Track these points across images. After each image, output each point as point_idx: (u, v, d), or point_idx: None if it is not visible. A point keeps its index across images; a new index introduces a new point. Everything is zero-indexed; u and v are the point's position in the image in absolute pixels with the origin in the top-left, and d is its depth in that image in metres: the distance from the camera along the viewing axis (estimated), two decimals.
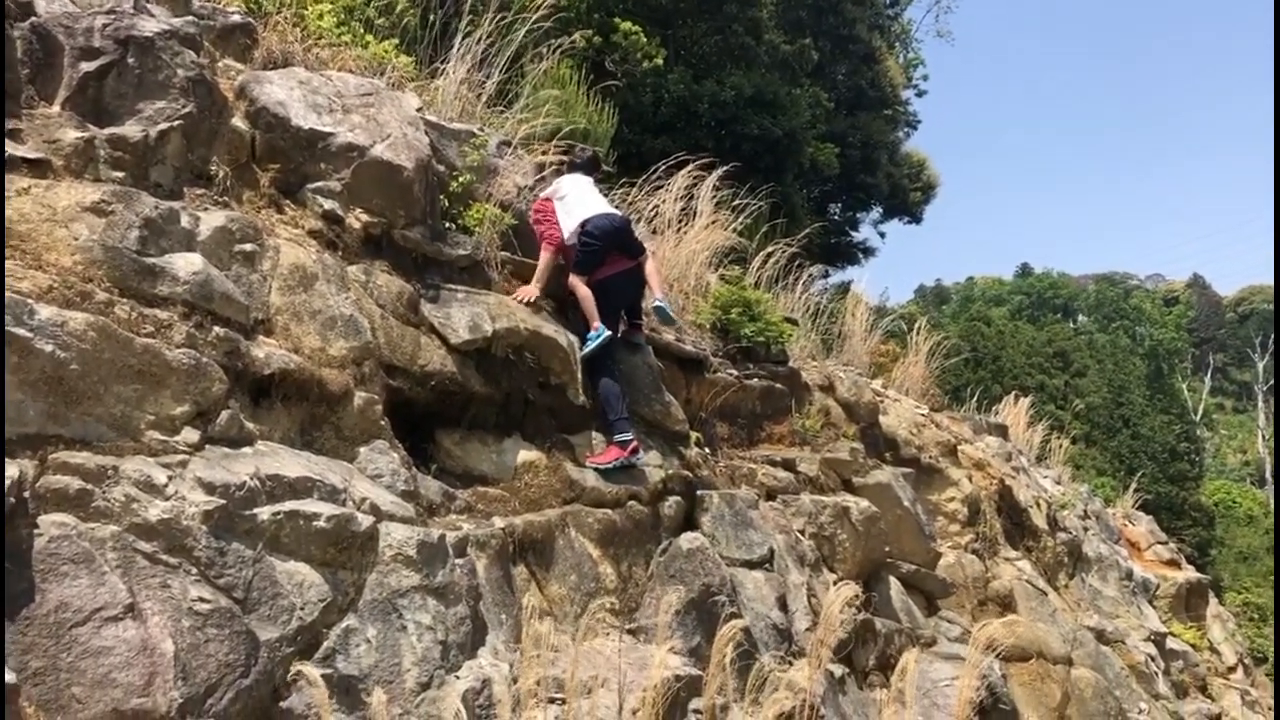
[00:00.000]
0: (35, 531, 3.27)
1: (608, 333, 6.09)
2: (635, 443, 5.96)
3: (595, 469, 5.81)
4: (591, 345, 6.02)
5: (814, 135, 17.74)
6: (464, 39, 7.36)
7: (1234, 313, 73.19)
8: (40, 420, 3.51)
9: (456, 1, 8.19)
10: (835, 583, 6.90)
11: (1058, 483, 13.27)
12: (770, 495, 7.15)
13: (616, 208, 7.23)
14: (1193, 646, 12.24)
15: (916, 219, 23.90)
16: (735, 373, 7.67)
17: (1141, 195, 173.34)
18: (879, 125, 21.39)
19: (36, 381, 3.52)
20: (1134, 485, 17.76)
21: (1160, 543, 14.41)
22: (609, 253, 6.30)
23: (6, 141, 4.11)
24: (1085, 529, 12.17)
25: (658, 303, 6.64)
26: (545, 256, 6.21)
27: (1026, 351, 35.98)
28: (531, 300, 6.00)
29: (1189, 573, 13.99)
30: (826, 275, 18.58)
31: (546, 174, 7.03)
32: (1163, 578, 13.09)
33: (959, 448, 10.20)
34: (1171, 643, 11.75)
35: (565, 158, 6.96)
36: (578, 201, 6.36)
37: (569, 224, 6.27)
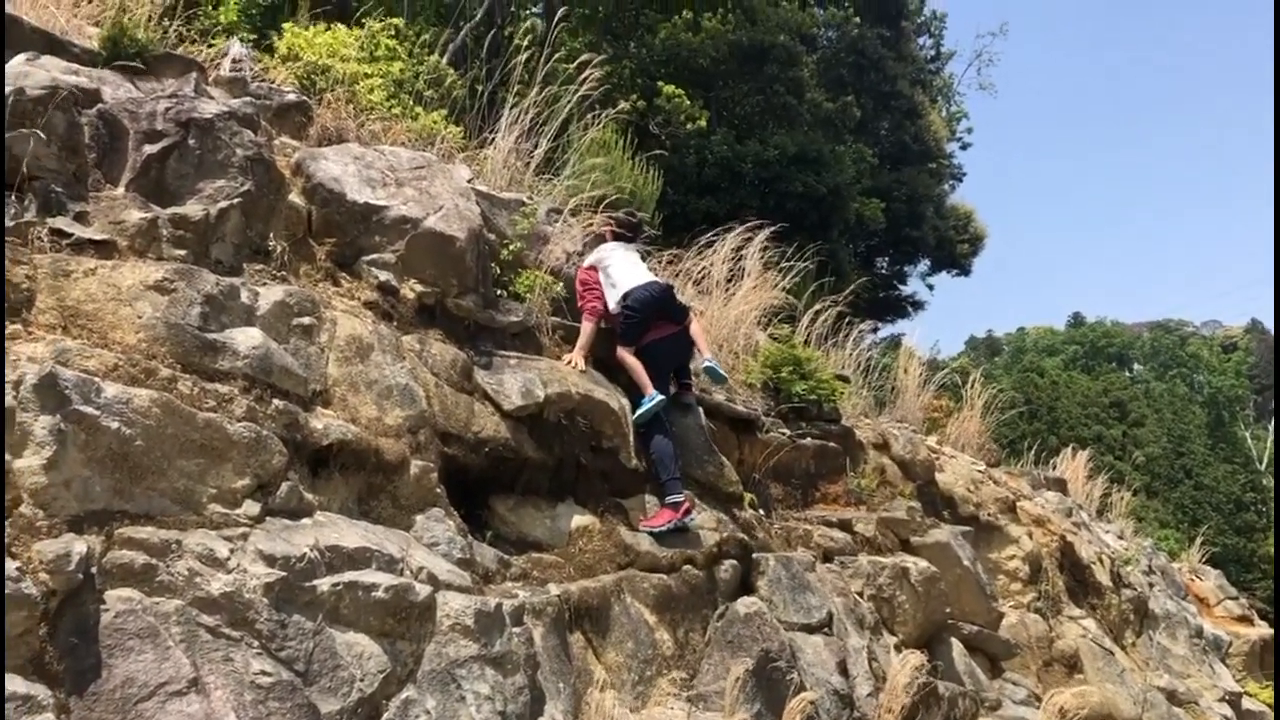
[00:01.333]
0: (102, 607, 3.32)
1: (660, 397, 6.12)
2: (688, 503, 5.94)
3: (649, 533, 5.79)
4: (645, 409, 6.04)
5: (859, 191, 17.82)
6: (511, 109, 7.50)
7: None
8: (107, 496, 3.57)
9: (503, 72, 8.37)
10: (896, 646, 6.79)
11: (1120, 537, 12.96)
12: (827, 557, 7.06)
13: (661, 271, 7.28)
14: (1269, 707, 11.80)
15: (965, 271, 23.82)
16: (788, 432, 7.63)
17: (1194, 240, 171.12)
18: (924, 179, 21.45)
19: (103, 458, 3.59)
20: (1199, 538, 17.29)
21: (1230, 598, 13.97)
22: (651, 321, 6.35)
23: (75, 224, 4.24)
24: (1151, 585, 11.85)
25: (707, 363, 6.65)
26: (587, 327, 6.27)
27: (1082, 402, 35.50)
28: (579, 367, 6.04)
29: (1262, 629, 13.52)
30: (876, 330, 18.52)
31: (589, 238, 7.09)
32: (1235, 635, 12.67)
33: (1018, 504, 10.02)
34: (1247, 703, 11.34)
35: (609, 225, 7.01)
36: (620, 271, 6.43)
37: (613, 294, 6.34)
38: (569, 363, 6.06)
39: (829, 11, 20.86)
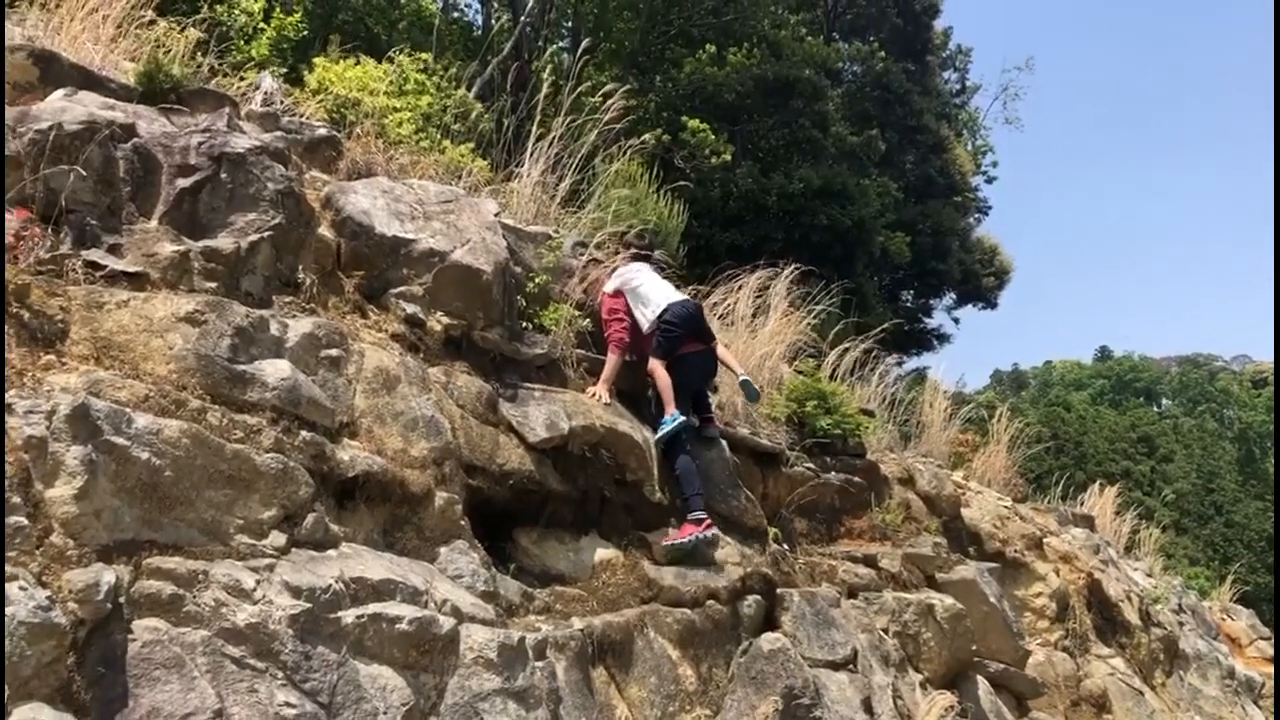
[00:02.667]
0: (129, 637, 3.33)
1: (683, 419, 6.19)
2: (709, 520, 5.99)
3: (672, 546, 5.83)
4: (667, 429, 6.12)
5: (884, 224, 17.84)
6: (536, 142, 7.57)
7: None
8: (136, 526, 3.60)
9: (529, 106, 8.45)
10: (921, 683, 6.72)
11: (1149, 575, 12.80)
12: (851, 593, 7.00)
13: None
14: None
15: (991, 304, 23.74)
16: (812, 466, 7.60)
17: (1224, 274, 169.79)
18: (949, 212, 21.44)
19: (133, 488, 3.62)
20: (1230, 576, 17.04)
21: (1263, 638, 13.76)
22: (686, 338, 6.41)
23: (109, 256, 4.31)
24: (1181, 624, 11.69)
25: (743, 378, 6.76)
26: (613, 359, 6.28)
27: (1109, 437, 35.21)
28: (603, 400, 6.06)
29: None
30: (900, 363, 18.47)
31: (607, 263, 7.04)
32: (1267, 676, 12.47)
33: (1045, 540, 9.92)
34: None
35: (626, 248, 7.02)
36: (651, 289, 6.51)
37: (647, 312, 6.40)
38: (594, 395, 6.07)
39: (854, 46, 20.96)
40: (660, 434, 6.12)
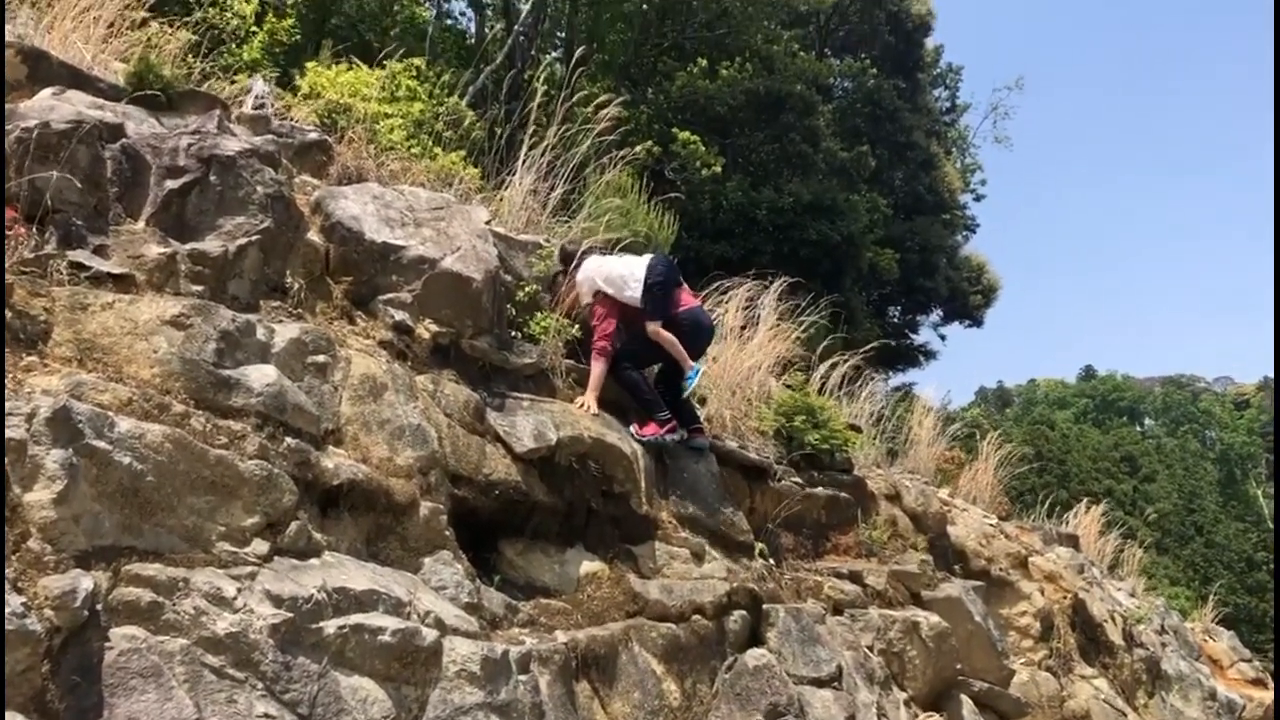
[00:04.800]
0: (106, 645, 3.27)
1: (702, 368, 6.56)
2: (674, 422, 6.35)
3: (638, 440, 6.15)
4: (694, 380, 6.48)
5: (872, 240, 17.87)
6: (529, 150, 7.53)
7: None
8: (115, 532, 3.54)
9: (521, 114, 8.42)
10: (906, 702, 6.68)
11: (1132, 595, 12.80)
12: (837, 609, 6.97)
13: None
14: None
15: (977, 322, 23.79)
16: (799, 481, 7.57)
17: (1208, 296, 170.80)
18: (937, 229, 21.51)
19: (113, 493, 3.56)
20: (1212, 597, 17.06)
21: (1244, 660, 13.76)
22: (676, 286, 6.57)
23: (94, 257, 4.25)
24: (1163, 645, 11.68)
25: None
26: (597, 369, 6.24)
27: (1093, 456, 35.33)
28: (591, 410, 6.01)
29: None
30: (887, 379, 18.48)
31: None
32: (1248, 698, 12.46)
33: (1029, 559, 9.91)
34: None
35: (569, 261, 6.85)
36: (618, 266, 6.55)
37: (629, 289, 6.40)
38: (582, 406, 6.03)
39: (845, 62, 21.04)
40: (689, 386, 6.48)
